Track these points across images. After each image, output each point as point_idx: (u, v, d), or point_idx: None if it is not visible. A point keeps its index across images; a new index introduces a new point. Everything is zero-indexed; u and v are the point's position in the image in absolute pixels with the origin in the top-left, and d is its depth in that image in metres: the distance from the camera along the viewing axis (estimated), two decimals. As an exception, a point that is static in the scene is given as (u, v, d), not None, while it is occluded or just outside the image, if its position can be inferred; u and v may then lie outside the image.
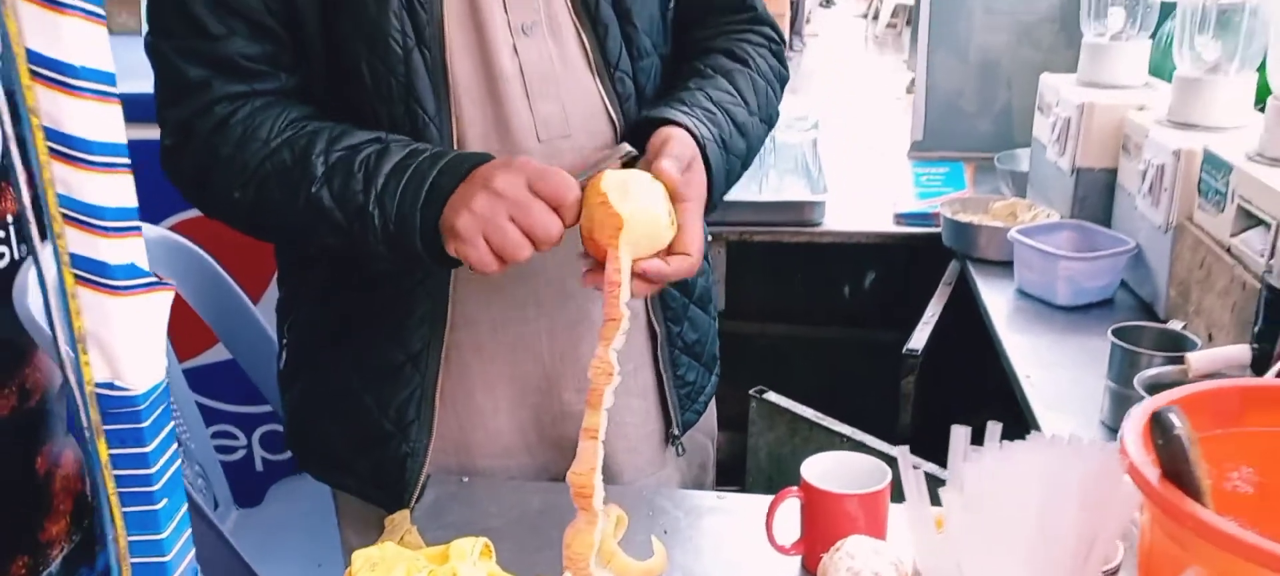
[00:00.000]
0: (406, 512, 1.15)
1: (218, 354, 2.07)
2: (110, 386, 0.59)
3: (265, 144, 1.03)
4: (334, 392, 1.19)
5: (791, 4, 9.14)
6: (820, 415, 1.47)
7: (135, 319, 0.58)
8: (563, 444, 1.20)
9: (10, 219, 1.82)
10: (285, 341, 1.26)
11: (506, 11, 1.07)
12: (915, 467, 0.75)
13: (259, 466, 2.35)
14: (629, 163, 1.04)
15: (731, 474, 1.65)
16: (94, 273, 0.56)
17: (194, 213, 1.30)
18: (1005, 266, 1.78)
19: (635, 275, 0.97)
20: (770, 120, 1.22)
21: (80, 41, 0.52)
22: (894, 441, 1.49)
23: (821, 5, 10.67)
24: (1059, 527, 0.72)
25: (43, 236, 0.55)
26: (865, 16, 10.07)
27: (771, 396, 1.53)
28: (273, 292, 1.96)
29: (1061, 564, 0.71)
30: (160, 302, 0.59)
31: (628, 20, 1.12)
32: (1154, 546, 0.72)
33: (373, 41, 1.03)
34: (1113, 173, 1.74)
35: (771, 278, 2.34)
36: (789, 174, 2.16)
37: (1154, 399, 0.74)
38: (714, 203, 1.11)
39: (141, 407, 0.60)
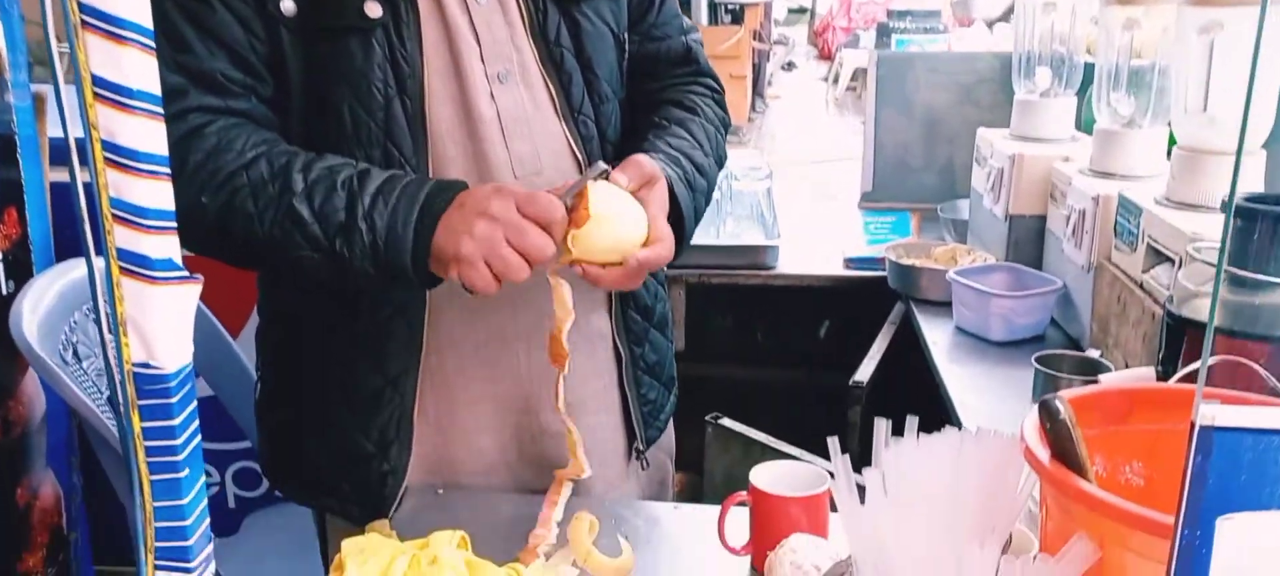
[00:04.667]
0: (386, 521, 1.23)
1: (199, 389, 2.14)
2: (145, 365, 0.68)
3: (240, 155, 1.07)
4: (314, 418, 1.27)
5: (754, 67, 9.37)
6: (772, 438, 1.58)
7: (169, 306, 0.68)
8: (541, 461, 1.30)
9: (1, 254, 1.90)
10: (261, 372, 1.35)
11: (484, 62, 1.19)
12: (843, 452, 0.86)
13: (232, 503, 2.41)
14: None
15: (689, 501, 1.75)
16: (137, 265, 0.66)
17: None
18: (945, 306, 1.90)
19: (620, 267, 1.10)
20: (721, 160, 1.35)
21: (137, 68, 0.62)
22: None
23: (784, 69, 10.95)
24: (965, 504, 0.83)
25: (96, 237, 0.65)
26: (826, 80, 10.32)
27: (726, 422, 1.63)
28: (252, 326, 2.05)
29: (966, 534, 0.81)
30: (190, 293, 0.69)
31: (589, 70, 1.24)
32: (1050, 521, 0.83)
33: (356, 88, 1.13)
34: (1042, 219, 1.88)
35: (729, 319, 2.46)
36: (744, 220, 2.29)
37: (1045, 393, 0.85)
38: (686, 235, 1.23)
39: (171, 385, 0.69)
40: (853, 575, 0.83)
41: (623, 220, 1.10)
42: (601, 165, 1.12)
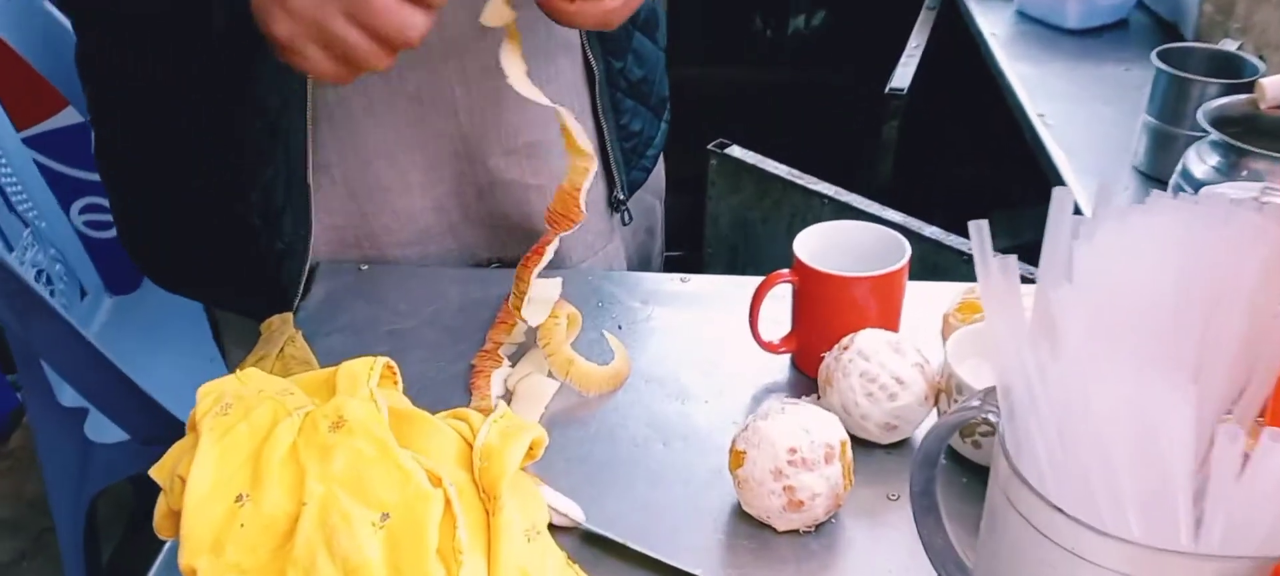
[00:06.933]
0: (287, 316, 0.89)
1: (72, 115, 1.74)
2: None
3: None
4: (165, 179, 0.90)
5: None
6: (795, 172, 1.23)
7: None
8: (492, 222, 0.96)
9: None
10: (89, 111, 0.95)
11: None
12: (990, 233, 0.51)
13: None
14: None
15: (683, 241, 1.41)
16: None
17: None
18: (1001, -13, 1.51)
19: None
20: None
21: None
22: (873, 197, 1.25)
23: None
24: (1217, 318, 0.49)
25: None
26: None
27: (735, 151, 1.28)
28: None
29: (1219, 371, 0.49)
30: None
31: None
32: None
33: None
34: None
35: (719, 7, 2.04)
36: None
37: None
38: None
39: None
40: (1004, 408, 0.50)
41: None
42: None
